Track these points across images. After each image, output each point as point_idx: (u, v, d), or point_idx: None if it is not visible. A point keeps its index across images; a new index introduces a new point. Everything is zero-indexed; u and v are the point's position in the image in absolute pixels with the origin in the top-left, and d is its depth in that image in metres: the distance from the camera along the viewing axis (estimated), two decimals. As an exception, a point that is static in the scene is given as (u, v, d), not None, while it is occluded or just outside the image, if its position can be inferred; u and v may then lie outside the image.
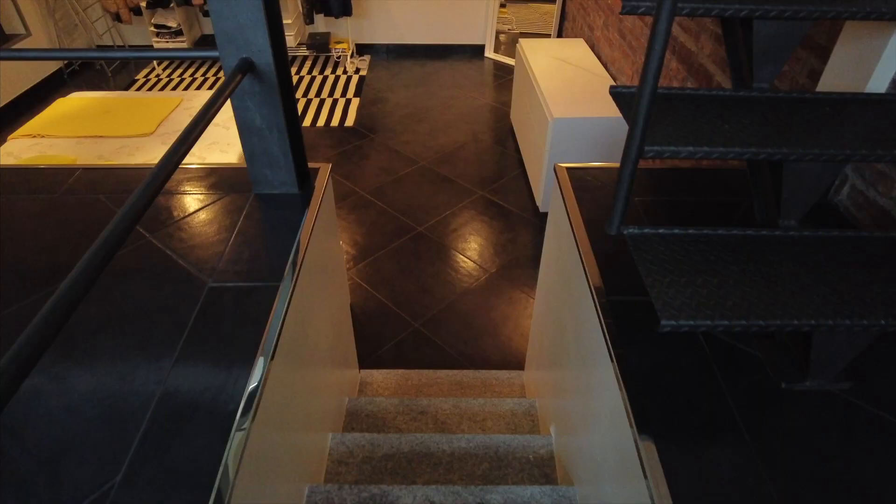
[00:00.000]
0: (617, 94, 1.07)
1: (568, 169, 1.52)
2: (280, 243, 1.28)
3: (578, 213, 1.35)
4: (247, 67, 1.20)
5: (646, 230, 1.01)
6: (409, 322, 2.49)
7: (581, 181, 1.49)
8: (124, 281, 1.18)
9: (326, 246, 1.56)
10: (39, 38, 4.68)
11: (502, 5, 5.39)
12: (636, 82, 2.88)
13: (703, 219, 1.33)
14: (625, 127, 2.88)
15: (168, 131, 3.09)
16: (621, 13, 0.98)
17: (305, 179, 1.47)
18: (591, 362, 1.23)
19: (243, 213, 1.37)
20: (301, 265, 1.25)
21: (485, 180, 3.53)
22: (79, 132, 3.08)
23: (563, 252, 1.47)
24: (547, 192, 3.09)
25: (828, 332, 0.91)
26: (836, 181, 1.37)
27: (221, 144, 2.95)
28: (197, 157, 2.85)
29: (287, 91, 1.31)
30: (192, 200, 1.42)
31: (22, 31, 4.56)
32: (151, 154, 2.89)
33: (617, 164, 1.60)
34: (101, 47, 5.18)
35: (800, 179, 1.00)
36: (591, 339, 1.20)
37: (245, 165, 1.43)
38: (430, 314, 2.54)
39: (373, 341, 2.39)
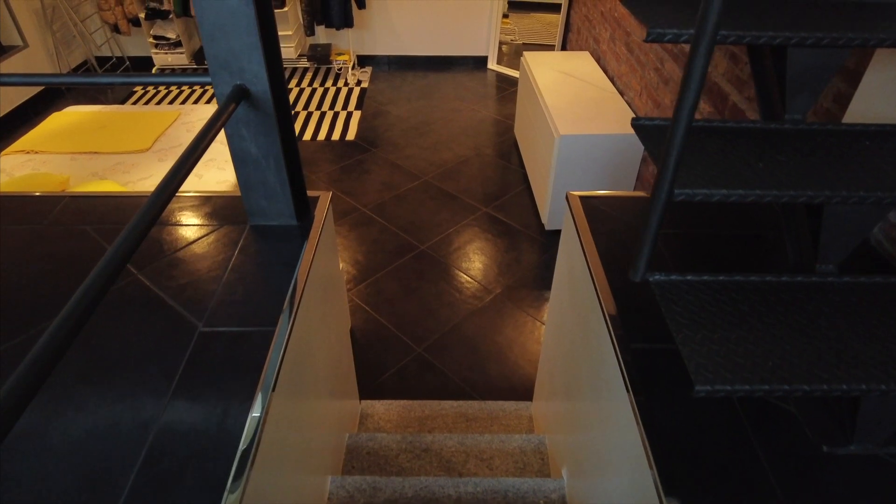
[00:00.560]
0: (640, 127, 0.99)
1: (581, 198, 1.44)
2: (276, 281, 1.20)
3: (594, 248, 1.27)
4: (241, 95, 1.13)
5: (673, 277, 0.93)
6: (412, 347, 2.40)
7: (595, 210, 1.41)
8: (108, 324, 1.10)
9: (326, 279, 1.48)
10: (37, 49, 4.63)
11: (505, 16, 5.33)
12: (644, 97, 2.80)
13: (727, 255, 1.25)
14: (634, 144, 2.81)
15: (164, 147, 3.02)
16: (645, 41, 0.90)
17: (304, 209, 1.39)
18: (607, 406, 1.15)
19: (238, 247, 1.29)
20: (299, 305, 1.17)
21: (488, 196, 3.46)
22: (74, 148, 3.01)
23: (577, 285, 1.39)
24: (553, 209, 3.02)
25: (879, 397, 0.83)
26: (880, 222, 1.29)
27: (219, 161, 2.88)
28: (193, 173, 2.78)
29: (285, 118, 1.23)
30: (185, 232, 1.35)
31: (19, 42, 4.50)
32: (147, 171, 2.81)
33: (633, 193, 1.53)
34: (99, 59, 5.12)
35: (841, 222, 0.92)
36: (609, 383, 1.12)
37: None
38: (433, 338, 2.45)
39: (374, 368, 2.31)
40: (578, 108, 2.99)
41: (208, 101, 4.60)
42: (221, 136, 3.05)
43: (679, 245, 1.28)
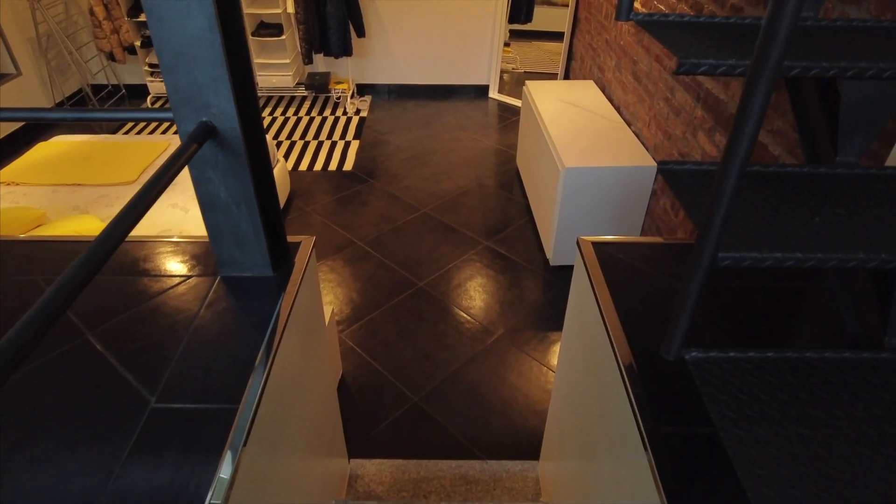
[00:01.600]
0: (669, 172, 0.84)
1: (594, 244, 1.28)
2: (245, 344, 1.04)
3: (611, 305, 1.11)
4: (206, 134, 0.98)
5: (713, 354, 0.77)
6: (408, 395, 2.23)
7: (610, 259, 1.26)
8: (46, 397, 0.94)
9: (307, 334, 1.32)
10: (31, 77, 4.55)
11: (506, 44, 5.26)
12: (654, 128, 2.65)
13: (766, 314, 1.09)
14: (643, 177, 2.67)
15: (152, 179, 2.89)
16: (676, 73, 0.76)
17: (284, 257, 1.24)
18: (629, 486, 0.98)
19: (205, 303, 1.14)
20: (269, 371, 1.01)
21: (490, 229, 3.31)
22: (56, 180, 2.88)
23: (592, 344, 1.23)
24: (558, 244, 2.86)
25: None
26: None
27: (207, 194, 2.74)
28: (180, 208, 2.64)
29: (259, 158, 1.09)
30: (148, 284, 1.19)
31: (12, 70, 4.42)
32: (131, 205, 2.67)
33: (653, 239, 1.38)
34: (94, 87, 5.04)
35: (918, 290, 0.76)
36: (631, 463, 0.95)
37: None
38: (431, 385, 2.28)
39: (366, 419, 2.13)
40: (584, 139, 2.86)
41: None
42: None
43: (708, 302, 1.12)
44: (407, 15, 4.81)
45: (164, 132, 4.46)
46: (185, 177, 1.78)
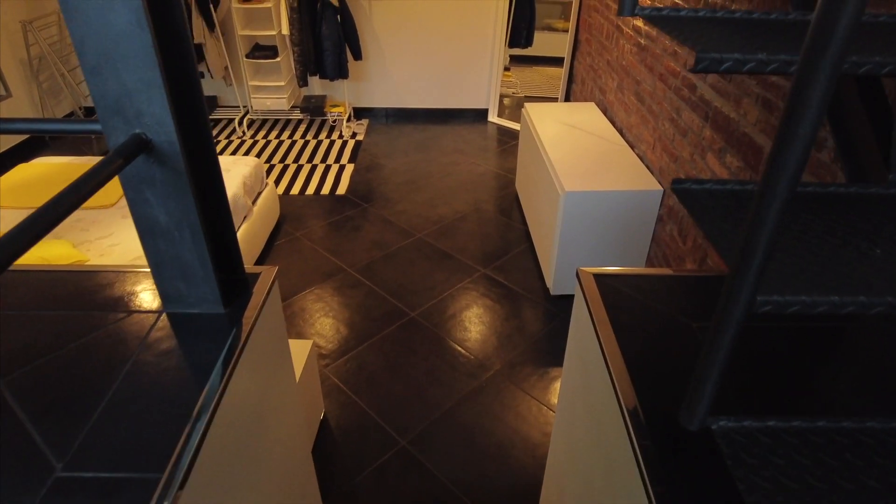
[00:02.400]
0: (685, 192, 0.69)
1: (596, 276, 1.13)
2: (184, 394, 0.88)
3: (617, 351, 0.95)
4: (137, 147, 0.84)
5: (746, 423, 0.61)
6: (395, 438, 2.05)
7: (614, 293, 1.10)
8: (-69, 465, 0.78)
9: (265, 379, 1.15)
10: (21, 100, 4.47)
11: (506, 69, 5.18)
12: (658, 150, 2.49)
13: (802, 362, 0.93)
14: (647, 201, 2.52)
15: (131, 203, 2.75)
16: (693, 71, 0.61)
17: (239, 291, 1.08)
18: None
19: (143, 344, 0.98)
20: (210, 425, 0.84)
21: (487, 256, 3.16)
22: (33, 202, 2.75)
23: (595, 393, 1.06)
24: (559, 272, 2.70)
25: None
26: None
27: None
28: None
29: (206, 176, 0.95)
30: (81, 321, 1.03)
31: (2, 92, 4.34)
32: (108, 230, 2.54)
33: (661, 270, 1.22)
34: (87, 109, 4.97)
35: None
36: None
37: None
38: (420, 427, 2.10)
39: (348, 466, 1.94)
40: (585, 162, 2.73)
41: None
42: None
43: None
44: (405, 38, 4.74)
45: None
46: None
